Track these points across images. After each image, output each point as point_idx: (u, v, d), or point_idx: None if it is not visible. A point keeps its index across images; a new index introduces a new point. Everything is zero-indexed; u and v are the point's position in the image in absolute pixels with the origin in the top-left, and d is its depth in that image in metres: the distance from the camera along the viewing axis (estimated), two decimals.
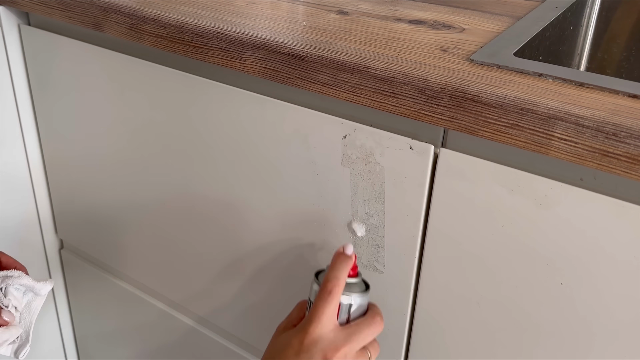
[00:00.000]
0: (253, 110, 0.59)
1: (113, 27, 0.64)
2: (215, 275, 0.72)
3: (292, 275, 0.64)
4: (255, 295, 0.69)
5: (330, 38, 0.54)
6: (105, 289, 0.90)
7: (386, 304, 0.57)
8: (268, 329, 0.70)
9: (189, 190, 0.70)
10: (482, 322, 0.52)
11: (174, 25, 0.58)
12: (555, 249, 0.46)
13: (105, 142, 0.76)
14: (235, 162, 0.63)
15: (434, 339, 0.56)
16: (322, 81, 0.51)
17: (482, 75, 0.46)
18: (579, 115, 0.39)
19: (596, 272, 0.44)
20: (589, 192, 0.43)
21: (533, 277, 0.47)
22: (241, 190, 0.64)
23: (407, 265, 0.54)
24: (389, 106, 0.48)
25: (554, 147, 0.41)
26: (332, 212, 0.57)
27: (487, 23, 0.60)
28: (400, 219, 0.53)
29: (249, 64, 0.55)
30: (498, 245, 0.48)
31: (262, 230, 0.64)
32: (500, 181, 0.46)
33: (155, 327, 0.86)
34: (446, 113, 0.45)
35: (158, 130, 0.69)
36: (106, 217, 0.83)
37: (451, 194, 0.49)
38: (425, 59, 0.49)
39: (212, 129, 0.63)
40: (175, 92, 0.65)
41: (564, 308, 0.47)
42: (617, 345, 0.45)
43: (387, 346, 0.59)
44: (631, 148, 0.38)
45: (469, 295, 0.52)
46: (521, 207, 0.46)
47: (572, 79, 0.45)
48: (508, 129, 0.43)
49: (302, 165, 0.57)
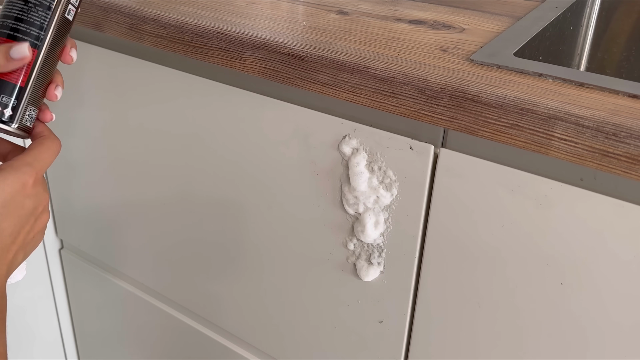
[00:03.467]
0: (253, 110, 0.59)
1: (113, 27, 0.64)
2: (215, 275, 0.72)
3: (292, 275, 0.64)
4: (255, 295, 0.69)
5: (330, 38, 0.54)
6: (105, 289, 0.90)
7: (386, 304, 0.57)
8: (268, 329, 0.70)
9: (189, 190, 0.70)
10: (482, 322, 0.52)
11: (174, 25, 0.58)
12: (556, 249, 0.46)
13: (105, 142, 0.76)
14: (235, 162, 0.63)
15: (434, 339, 0.56)
16: (322, 81, 0.51)
17: (482, 75, 0.46)
18: (579, 115, 0.39)
19: (596, 272, 0.44)
20: (589, 192, 0.43)
21: (533, 277, 0.47)
22: (241, 191, 0.64)
23: (407, 265, 0.54)
24: (389, 106, 0.48)
25: (554, 147, 0.41)
26: (332, 212, 0.57)
27: (487, 23, 0.60)
28: (400, 219, 0.53)
29: (249, 64, 0.55)
30: (498, 245, 0.48)
31: (262, 230, 0.64)
32: (500, 181, 0.46)
33: (155, 327, 0.86)
34: (446, 113, 0.45)
35: (158, 130, 0.69)
36: (106, 217, 0.83)
37: (451, 194, 0.49)
38: (425, 59, 0.49)
39: (212, 129, 0.63)
40: (175, 92, 0.65)
41: (564, 308, 0.47)
42: (617, 345, 0.45)
43: (387, 346, 0.59)
44: (631, 148, 0.38)
45: (469, 295, 0.52)
46: (521, 207, 0.46)
47: (572, 79, 0.45)
48: (508, 129, 0.43)
49: (302, 165, 0.57)
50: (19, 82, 0.44)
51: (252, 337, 0.73)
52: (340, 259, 0.59)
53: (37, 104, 0.46)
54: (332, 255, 0.59)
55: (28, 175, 0.42)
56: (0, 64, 0.42)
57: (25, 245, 0.43)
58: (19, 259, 0.44)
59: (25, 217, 0.42)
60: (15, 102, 0.44)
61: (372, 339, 0.60)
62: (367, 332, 0.60)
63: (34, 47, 0.44)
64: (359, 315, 0.60)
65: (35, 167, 0.43)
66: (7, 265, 0.42)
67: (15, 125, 0.44)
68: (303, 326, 0.66)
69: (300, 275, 0.63)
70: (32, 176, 0.42)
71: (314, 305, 0.64)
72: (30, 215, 0.43)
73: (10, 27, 0.43)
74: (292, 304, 0.66)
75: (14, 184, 0.41)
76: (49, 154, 0.44)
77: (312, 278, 0.62)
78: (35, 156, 0.43)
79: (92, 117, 0.76)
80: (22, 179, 0.41)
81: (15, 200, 0.41)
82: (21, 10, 0.43)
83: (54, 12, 0.44)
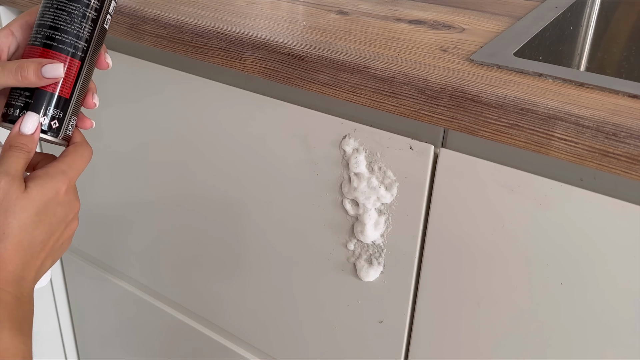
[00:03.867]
0: (253, 110, 0.59)
1: (113, 27, 0.64)
2: (215, 275, 0.72)
3: (292, 275, 0.64)
4: (255, 295, 0.69)
5: (330, 38, 0.54)
6: (105, 289, 0.90)
7: (386, 304, 0.57)
8: (268, 329, 0.70)
9: (189, 190, 0.70)
10: (482, 322, 0.52)
11: (174, 25, 0.58)
12: (556, 249, 0.46)
13: (104, 142, 0.76)
14: (235, 162, 0.63)
15: (434, 339, 0.56)
16: (322, 81, 0.51)
17: (482, 75, 0.46)
18: (579, 115, 0.39)
19: (596, 272, 0.44)
20: (589, 192, 0.43)
21: (533, 277, 0.47)
22: (241, 191, 0.64)
23: (407, 265, 0.54)
24: (389, 106, 0.48)
25: (554, 147, 0.41)
26: (332, 212, 0.57)
27: (487, 23, 0.60)
28: (400, 219, 0.53)
29: (249, 64, 0.55)
30: (498, 245, 0.48)
31: (262, 230, 0.64)
32: (500, 181, 0.46)
33: (155, 327, 0.86)
34: (446, 113, 0.45)
35: (158, 130, 0.69)
36: (106, 217, 0.83)
37: (451, 194, 0.49)
38: (425, 59, 0.49)
39: (212, 129, 0.63)
40: (175, 92, 0.65)
41: (564, 308, 0.47)
42: (617, 345, 0.45)
43: (387, 346, 0.59)
44: (631, 148, 0.38)
45: (468, 295, 0.52)
46: (521, 207, 0.46)
47: (572, 79, 0.45)
48: (508, 129, 0.43)
49: (302, 165, 0.57)
50: (65, 95, 0.44)
51: (252, 337, 0.73)
52: (340, 259, 0.59)
53: (77, 113, 0.46)
54: (332, 255, 0.59)
55: (61, 182, 0.42)
56: (32, 81, 0.42)
57: (53, 252, 0.44)
58: (47, 265, 0.44)
59: (55, 225, 0.42)
60: (61, 114, 0.44)
61: (372, 339, 0.60)
62: (367, 332, 0.60)
63: (78, 59, 0.44)
64: (359, 315, 0.60)
65: (69, 174, 0.43)
66: (36, 271, 0.42)
67: (61, 136, 0.45)
68: (303, 326, 0.66)
69: (300, 275, 0.63)
70: (65, 184, 0.42)
71: (314, 305, 0.64)
72: (61, 223, 0.43)
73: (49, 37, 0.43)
74: (292, 304, 0.66)
75: (49, 192, 0.41)
76: (82, 161, 0.45)
77: (312, 278, 0.62)
78: (69, 163, 0.43)
79: (92, 117, 0.76)
80: (56, 186, 0.42)
81: (48, 208, 0.41)
82: (64, 22, 0.43)
83: (95, 23, 0.44)
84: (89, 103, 0.47)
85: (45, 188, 0.41)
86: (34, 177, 0.41)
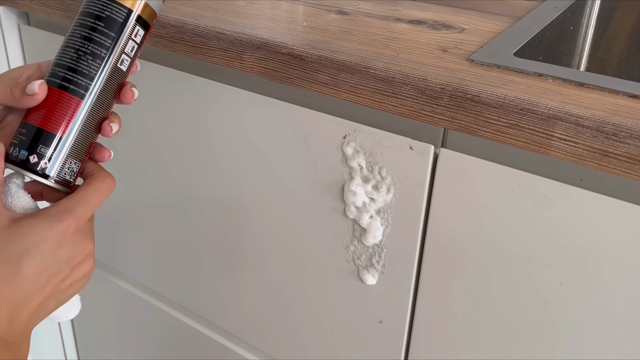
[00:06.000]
0: (253, 110, 0.59)
1: None
2: (215, 275, 0.72)
3: (292, 275, 0.64)
4: (255, 295, 0.69)
5: (330, 38, 0.54)
6: (105, 289, 0.90)
7: (386, 304, 0.57)
8: (268, 329, 0.70)
9: (189, 190, 0.70)
10: (482, 322, 0.52)
11: (174, 25, 0.58)
12: (556, 249, 0.46)
13: (104, 141, 0.76)
14: (235, 162, 0.63)
15: (434, 339, 0.56)
16: (322, 81, 0.51)
17: (482, 75, 0.46)
18: (579, 115, 0.39)
19: (596, 272, 0.44)
20: (589, 192, 0.43)
21: (533, 277, 0.47)
22: (241, 190, 0.64)
23: (407, 265, 0.54)
24: (389, 106, 0.48)
25: (554, 147, 0.41)
26: (332, 212, 0.57)
27: (487, 23, 0.60)
28: (400, 219, 0.53)
29: (249, 64, 0.55)
30: (498, 245, 0.48)
31: (262, 230, 0.64)
32: (500, 181, 0.46)
33: (155, 327, 0.86)
34: (446, 113, 0.45)
35: (158, 130, 0.69)
36: (106, 217, 0.83)
37: (451, 194, 0.49)
38: (425, 59, 0.49)
39: (212, 129, 0.63)
40: (175, 92, 0.65)
41: (564, 308, 0.47)
42: (617, 345, 0.45)
43: (387, 346, 0.59)
44: (631, 148, 0.38)
45: (469, 295, 0.52)
46: (521, 207, 0.46)
47: (572, 79, 0.45)
48: (508, 129, 0.43)
49: (302, 165, 0.57)
50: (59, 132, 0.41)
51: (252, 337, 0.73)
52: (340, 259, 0.59)
53: (81, 156, 0.43)
54: (332, 255, 0.59)
55: (65, 223, 0.39)
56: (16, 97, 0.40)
57: (58, 293, 0.41)
58: (50, 306, 0.41)
59: (56, 266, 0.40)
60: (52, 153, 0.41)
61: (372, 339, 0.60)
62: (367, 332, 0.60)
63: (78, 96, 0.41)
64: (359, 316, 0.60)
65: (77, 212, 0.40)
66: (30, 312, 0.39)
67: (52, 179, 0.41)
68: (303, 326, 0.66)
69: (300, 275, 0.63)
70: (72, 224, 0.40)
71: (314, 305, 0.64)
72: (65, 265, 0.40)
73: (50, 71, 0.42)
74: (292, 304, 0.66)
75: (44, 233, 0.39)
76: (97, 196, 0.42)
77: (312, 278, 0.62)
78: (78, 200, 0.41)
79: None
80: (55, 228, 0.39)
81: (42, 249, 0.39)
82: (70, 58, 0.41)
83: (103, 61, 0.42)
84: (105, 129, 0.44)
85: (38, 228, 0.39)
86: (34, 215, 0.39)
